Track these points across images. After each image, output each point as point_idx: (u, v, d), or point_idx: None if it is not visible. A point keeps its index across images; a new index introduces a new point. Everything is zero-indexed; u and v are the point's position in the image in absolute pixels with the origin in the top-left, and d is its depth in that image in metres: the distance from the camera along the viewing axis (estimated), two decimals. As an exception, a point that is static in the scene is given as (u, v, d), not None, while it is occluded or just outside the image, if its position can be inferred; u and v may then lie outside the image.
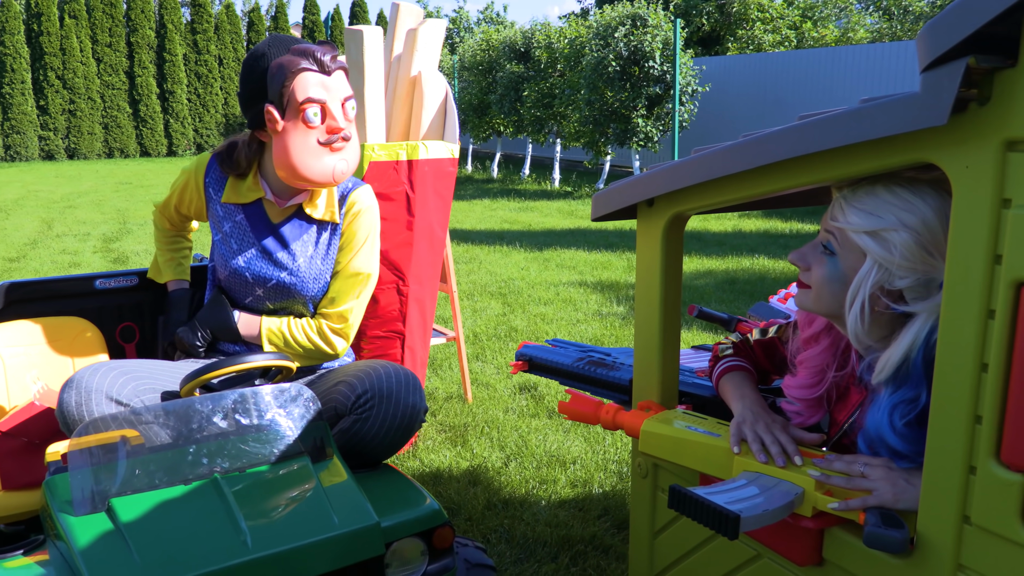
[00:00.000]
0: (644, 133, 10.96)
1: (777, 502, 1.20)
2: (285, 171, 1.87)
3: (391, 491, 1.59)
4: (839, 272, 1.26)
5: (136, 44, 20.21)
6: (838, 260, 1.26)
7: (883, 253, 1.19)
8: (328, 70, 1.85)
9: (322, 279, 2.00)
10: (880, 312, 1.24)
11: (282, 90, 1.80)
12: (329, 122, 1.86)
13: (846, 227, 1.23)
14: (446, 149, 2.85)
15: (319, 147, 1.85)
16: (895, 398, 1.23)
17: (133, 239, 8.14)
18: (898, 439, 1.22)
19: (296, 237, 1.99)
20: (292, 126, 1.84)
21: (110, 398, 1.60)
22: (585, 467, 2.82)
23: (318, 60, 1.83)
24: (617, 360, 1.89)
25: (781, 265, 6.51)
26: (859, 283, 1.22)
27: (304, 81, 1.81)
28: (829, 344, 1.41)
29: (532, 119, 13.09)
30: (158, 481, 1.38)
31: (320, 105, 1.84)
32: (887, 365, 1.21)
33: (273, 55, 1.83)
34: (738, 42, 15.20)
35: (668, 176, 1.46)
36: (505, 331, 4.65)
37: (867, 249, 1.21)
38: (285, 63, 1.80)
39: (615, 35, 10.67)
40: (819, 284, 1.29)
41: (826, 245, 1.28)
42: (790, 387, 1.45)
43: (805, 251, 1.32)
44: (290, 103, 1.82)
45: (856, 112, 1.09)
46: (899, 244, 1.18)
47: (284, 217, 2.00)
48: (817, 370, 1.41)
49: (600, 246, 7.54)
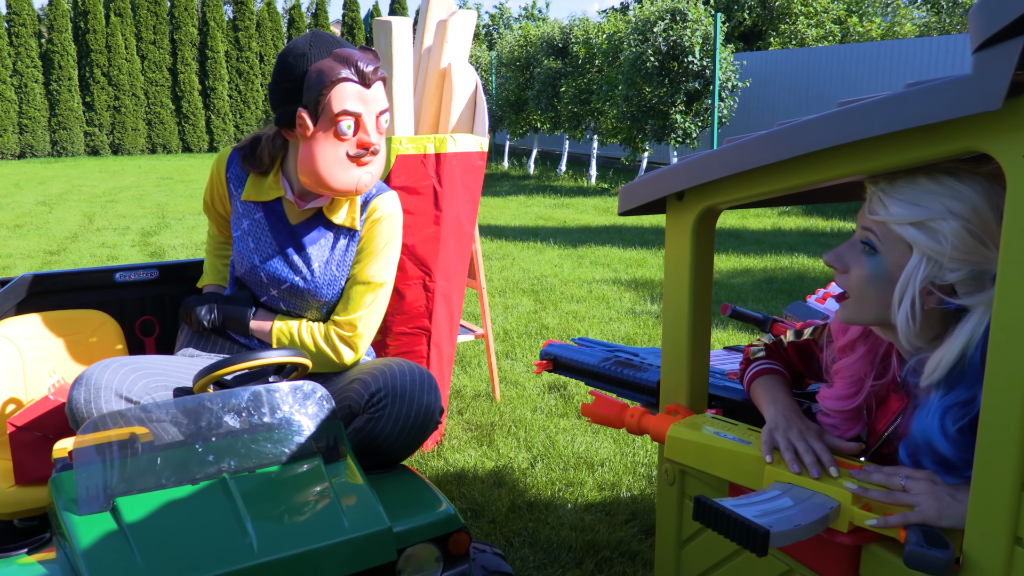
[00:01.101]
0: (682, 129, 10.80)
1: (810, 516, 1.12)
2: (309, 178, 1.81)
3: (406, 494, 1.54)
4: (883, 270, 1.16)
5: (179, 41, 20.51)
6: (880, 258, 1.17)
7: (932, 244, 1.10)
8: (369, 82, 1.77)
9: (337, 285, 1.94)
10: (931, 310, 1.15)
11: (319, 97, 1.73)
12: (361, 136, 1.79)
13: (888, 219, 1.14)
14: (475, 142, 2.79)
15: (347, 160, 1.79)
16: (947, 401, 1.13)
17: (171, 233, 8.23)
18: (949, 446, 1.13)
19: (314, 241, 1.93)
20: (323, 135, 1.77)
21: (120, 395, 1.57)
22: (613, 469, 2.75)
23: (360, 71, 1.75)
24: (645, 361, 1.82)
25: (821, 264, 6.34)
26: (907, 279, 1.13)
27: (342, 92, 1.74)
28: (866, 352, 1.32)
29: (569, 115, 12.99)
30: (165, 480, 1.34)
31: (355, 118, 1.77)
32: (940, 365, 1.12)
33: (314, 56, 1.75)
34: (780, 37, 14.92)
35: (698, 168, 1.39)
36: (536, 329, 4.58)
37: (913, 242, 1.12)
38: (326, 70, 1.72)
39: (654, 30, 10.53)
40: (860, 286, 1.19)
41: (866, 242, 1.18)
42: (825, 398, 1.37)
43: (842, 251, 1.23)
44: (324, 112, 1.75)
45: (900, 97, 1.01)
46: (949, 234, 1.09)
47: (303, 219, 1.94)
48: (854, 380, 1.32)
49: (636, 243, 7.43)
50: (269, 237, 1.93)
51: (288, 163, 1.92)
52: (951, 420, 1.13)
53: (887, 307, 1.17)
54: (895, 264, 1.15)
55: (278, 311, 1.95)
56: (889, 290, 1.16)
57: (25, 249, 7.37)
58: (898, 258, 1.15)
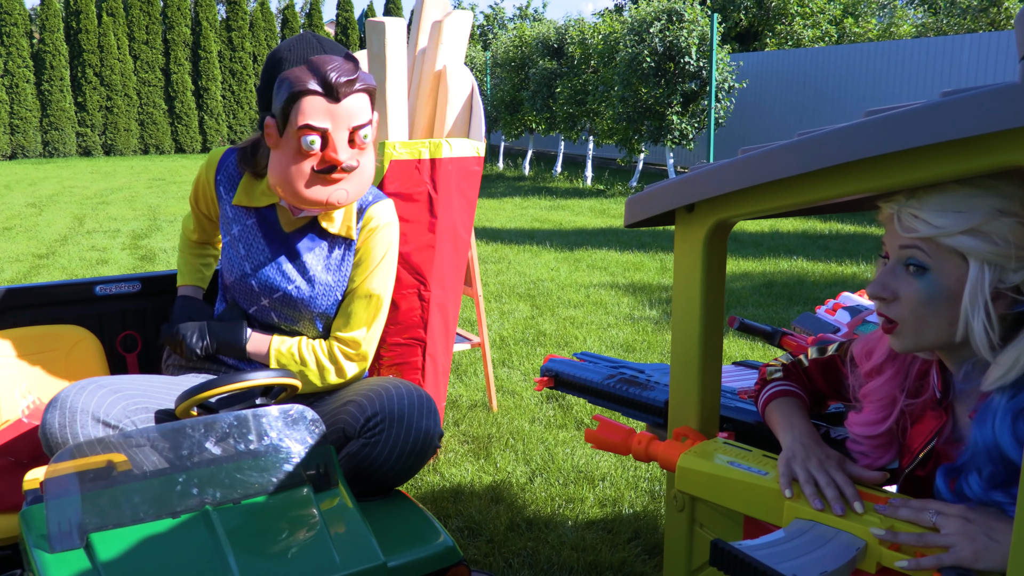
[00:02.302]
0: (679, 130, 10.74)
1: (838, 560, 1.04)
2: (275, 187, 1.73)
3: (401, 524, 1.45)
4: (939, 288, 1.07)
5: (172, 41, 20.37)
6: (933, 275, 1.07)
7: (989, 248, 1.02)
8: (339, 96, 1.64)
9: (332, 295, 1.86)
10: (1002, 315, 1.06)
11: (284, 108, 1.63)
12: (329, 153, 1.66)
13: (935, 234, 1.05)
14: (471, 147, 2.71)
15: (313, 174, 1.67)
16: (1019, 402, 1.05)
17: (162, 236, 8.13)
18: (1021, 449, 1.04)
19: (308, 250, 1.84)
20: (288, 146, 1.66)
21: (97, 419, 1.48)
22: (615, 484, 2.67)
23: (329, 84, 1.62)
24: (651, 379, 1.73)
25: (820, 267, 6.28)
26: (974, 290, 1.04)
27: (305, 106, 1.62)
28: (894, 373, 1.24)
29: (565, 116, 12.91)
30: (143, 514, 1.26)
31: (320, 134, 1.65)
32: (1018, 365, 1.03)
33: (289, 62, 1.65)
34: (776, 38, 14.87)
35: (712, 179, 1.30)
36: (533, 335, 4.50)
37: (969, 251, 1.03)
38: (293, 80, 1.61)
39: (650, 30, 10.45)
40: (916, 310, 1.10)
41: (912, 263, 1.09)
42: (855, 424, 1.28)
43: (884, 279, 1.12)
44: (289, 124, 1.64)
45: (939, 107, 0.92)
46: (1005, 232, 1.01)
47: (297, 227, 1.85)
48: (884, 403, 1.24)
49: (632, 246, 7.35)
50: (262, 244, 1.84)
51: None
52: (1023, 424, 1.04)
53: (949, 326, 1.08)
54: (952, 278, 1.06)
55: (269, 323, 1.86)
56: (949, 308, 1.07)
57: (13, 252, 7.25)
58: (954, 271, 1.06)
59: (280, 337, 1.83)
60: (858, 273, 6.07)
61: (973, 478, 1.10)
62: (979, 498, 1.09)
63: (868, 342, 1.31)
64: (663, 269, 6.34)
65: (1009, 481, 1.07)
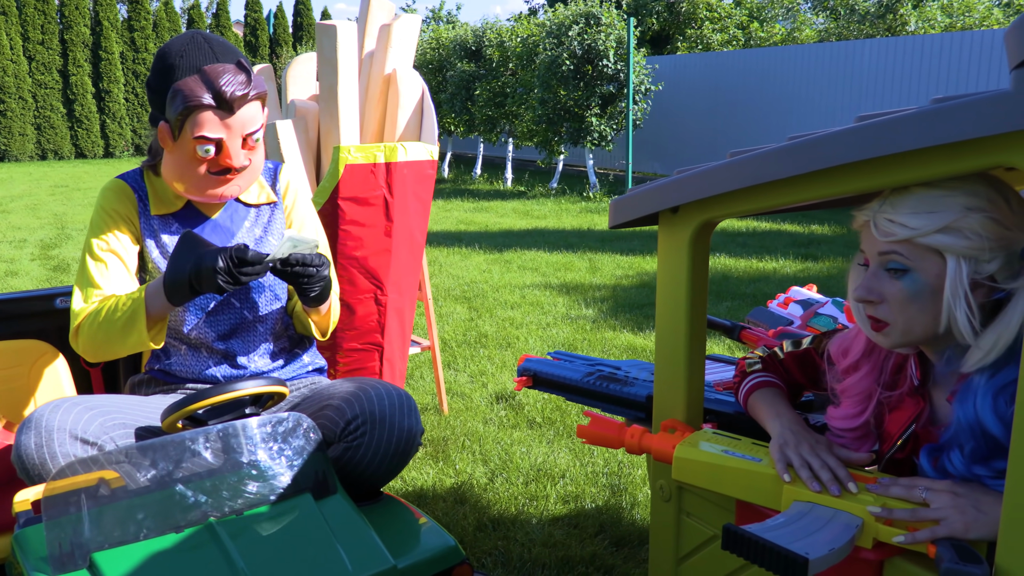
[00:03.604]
0: (598, 132, 10.93)
1: (842, 538, 1.11)
2: (171, 186, 1.76)
3: (401, 527, 1.46)
4: (921, 285, 1.16)
5: (70, 42, 19.46)
6: (915, 274, 1.16)
7: (964, 243, 1.11)
8: (232, 108, 1.65)
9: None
10: (981, 304, 1.15)
11: (178, 119, 1.63)
12: (224, 159, 1.69)
13: (912, 235, 1.13)
14: (425, 151, 2.72)
15: (208, 175, 1.71)
16: (998, 381, 1.13)
17: (73, 245, 7.78)
18: (1003, 426, 1.13)
19: (239, 225, 1.86)
20: (182, 151, 1.68)
21: (75, 437, 1.43)
22: (575, 481, 2.72)
23: (222, 99, 1.62)
24: (630, 375, 1.78)
25: (743, 264, 6.51)
26: (954, 283, 1.12)
27: (201, 119, 1.63)
28: (871, 369, 1.33)
29: (484, 118, 12.96)
30: (146, 530, 1.23)
31: (215, 143, 1.67)
32: (996, 347, 1.12)
33: (181, 71, 1.63)
34: (687, 41, 15.29)
35: (700, 182, 1.36)
36: (475, 337, 4.52)
37: (945, 247, 1.12)
38: (187, 93, 1.61)
39: (569, 33, 10.61)
40: (902, 309, 1.17)
41: (892, 266, 1.17)
42: (833, 419, 1.36)
43: (869, 284, 1.20)
44: (183, 133, 1.65)
45: (933, 113, 1.00)
46: (977, 227, 1.10)
47: (221, 208, 1.86)
48: (861, 398, 1.33)
49: (560, 247, 7.45)
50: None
51: None
52: (1004, 400, 1.13)
53: (934, 319, 1.17)
54: (932, 275, 1.15)
55: (230, 312, 1.81)
56: (932, 303, 1.16)
57: (-89, 265, 6.83)
58: (933, 268, 1.15)
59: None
60: (778, 268, 6.32)
61: (955, 455, 1.19)
62: (961, 474, 1.18)
63: (844, 341, 1.39)
64: (592, 269, 6.45)
65: (989, 456, 1.16)
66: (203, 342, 1.78)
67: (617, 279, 6.07)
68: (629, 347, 4.25)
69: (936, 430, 1.25)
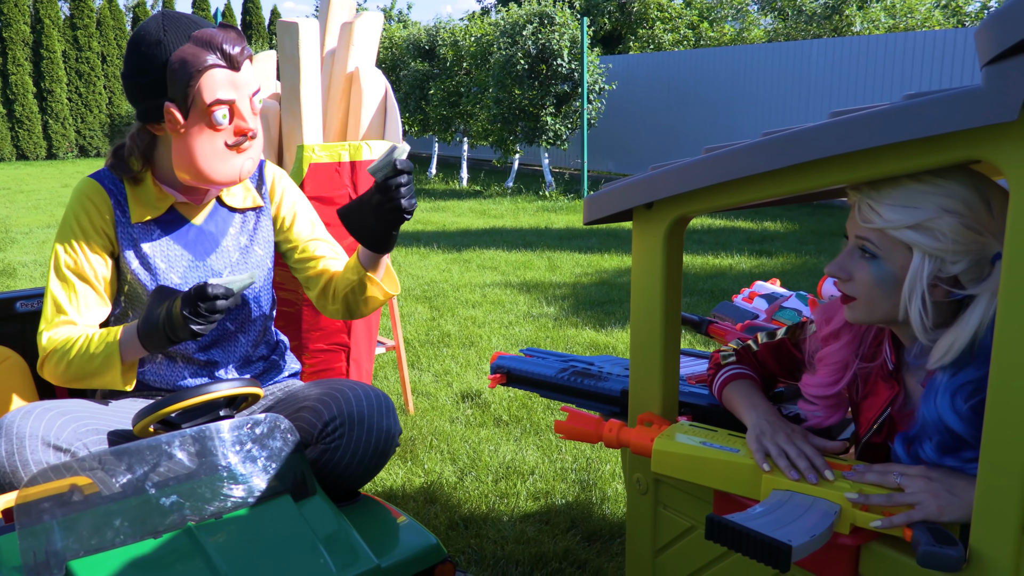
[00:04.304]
0: (553, 131, 10.98)
1: (822, 524, 1.13)
2: (188, 174, 1.66)
3: (382, 527, 1.45)
4: (887, 273, 1.21)
5: (9, 40, 18.88)
6: (882, 262, 1.21)
7: (932, 243, 1.15)
8: (238, 65, 1.63)
9: (263, 268, 1.83)
10: (939, 301, 1.20)
11: (187, 90, 1.58)
12: (237, 122, 1.65)
13: (885, 226, 1.17)
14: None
15: (226, 149, 1.66)
16: (957, 380, 1.18)
17: (19, 249, 7.56)
18: (961, 422, 1.17)
19: (224, 231, 1.80)
20: (197, 129, 1.62)
21: (48, 444, 1.39)
22: (544, 477, 2.73)
23: (227, 55, 1.60)
24: (603, 370, 1.80)
25: (699, 260, 6.60)
26: (914, 279, 1.17)
27: (212, 81, 1.59)
28: (850, 339, 1.37)
29: (438, 118, 12.92)
30: (123, 536, 1.20)
31: (229, 106, 1.63)
32: (952, 349, 1.16)
33: (171, 43, 1.58)
34: (639, 41, 15.43)
35: (675, 178, 1.38)
36: (437, 336, 4.50)
37: (913, 243, 1.16)
38: (190, 59, 1.56)
39: (523, 33, 10.63)
40: (867, 291, 1.23)
41: (865, 249, 1.22)
42: (808, 385, 1.41)
43: (842, 261, 1.26)
44: (195, 104, 1.59)
45: (908, 108, 1.03)
46: (947, 230, 1.14)
47: (205, 214, 1.79)
48: (838, 367, 1.37)
49: (518, 245, 7.47)
50: (178, 248, 1.75)
51: (162, 161, 1.72)
52: (962, 398, 1.17)
53: (896, 306, 1.21)
54: (898, 266, 1.19)
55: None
56: (895, 291, 1.20)
57: None
58: (900, 260, 1.19)
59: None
60: (734, 264, 6.42)
61: (927, 445, 1.23)
62: (933, 462, 1.22)
63: (828, 310, 1.44)
64: (551, 267, 6.48)
65: (957, 448, 1.20)
66: (182, 353, 1.74)
67: (576, 277, 6.10)
68: (592, 344, 4.28)
69: (910, 416, 1.29)
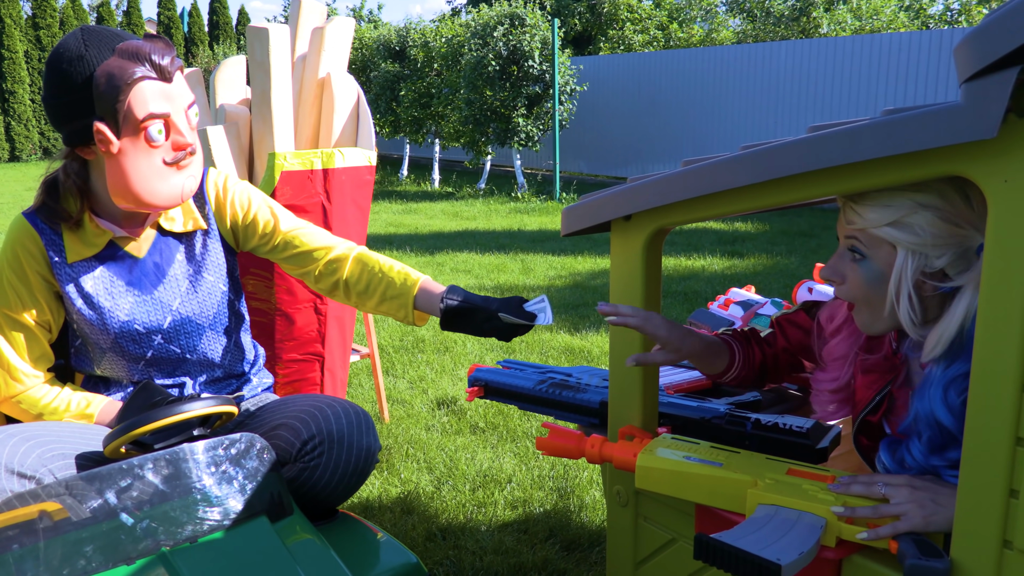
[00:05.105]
0: (525, 132, 10.98)
1: (809, 540, 1.13)
2: (124, 198, 1.55)
3: (360, 545, 1.43)
4: (876, 272, 1.23)
5: (-32, 40, 18.54)
6: (870, 261, 1.23)
7: (912, 238, 1.16)
8: (169, 76, 1.53)
9: (216, 294, 1.74)
10: (928, 296, 1.21)
11: (116, 105, 1.47)
12: (175, 137, 1.56)
13: (866, 226, 1.20)
14: (363, 156, 2.67)
15: (165, 167, 1.56)
16: (949, 374, 1.19)
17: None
18: (952, 417, 1.18)
19: (169, 261, 1.70)
20: (131, 146, 1.51)
21: (11, 471, 1.34)
22: (521, 486, 2.72)
23: (156, 66, 1.50)
24: (581, 381, 1.79)
25: (672, 262, 6.62)
26: (899, 275, 1.19)
27: (142, 94, 1.49)
28: (850, 332, 1.40)
29: (409, 119, 12.86)
30: (95, 564, 1.17)
31: (164, 119, 1.53)
32: (941, 341, 1.17)
33: (94, 58, 1.47)
34: (609, 42, 15.48)
35: (654, 191, 1.37)
36: (412, 342, 4.47)
37: (894, 240, 1.18)
38: (116, 72, 1.46)
39: (494, 34, 10.62)
40: (861, 292, 1.25)
41: (853, 250, 1.24)
42: (820, 381, 1.44)
43: (834, 264, 1.28)
44: (127, 120, 1.49)
45: (887, 124, 1.03)
46: (925, 224, 1.15)
47: (147, 245, 1.69)
48: (841, 361, 1.40)
49: (492, 248, 7.45)
50: (121, 285, 1.66)
51: (95, 191, 1.61)
52: (955, 392, 1.18)
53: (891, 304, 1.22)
54: (886, 264, 1.21)
55: (170, 357, 1.71)
56: (887, 288, 1.21)
57: None
58: (887, 258, 1.21)
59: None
60: (706, 266, 6.45)
61: (915, 444, 1.23)
62: (919, 464, 1.23)
63: (831, 308, 1.47)
64: (525, 270, 6.47)
65: (944, 446, 1.21)
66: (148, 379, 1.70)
67: (550, 280, 6.10)
68: (567, 348, 4.27)
69: (908, 393, 1.30)
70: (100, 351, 1.67)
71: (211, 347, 1.75)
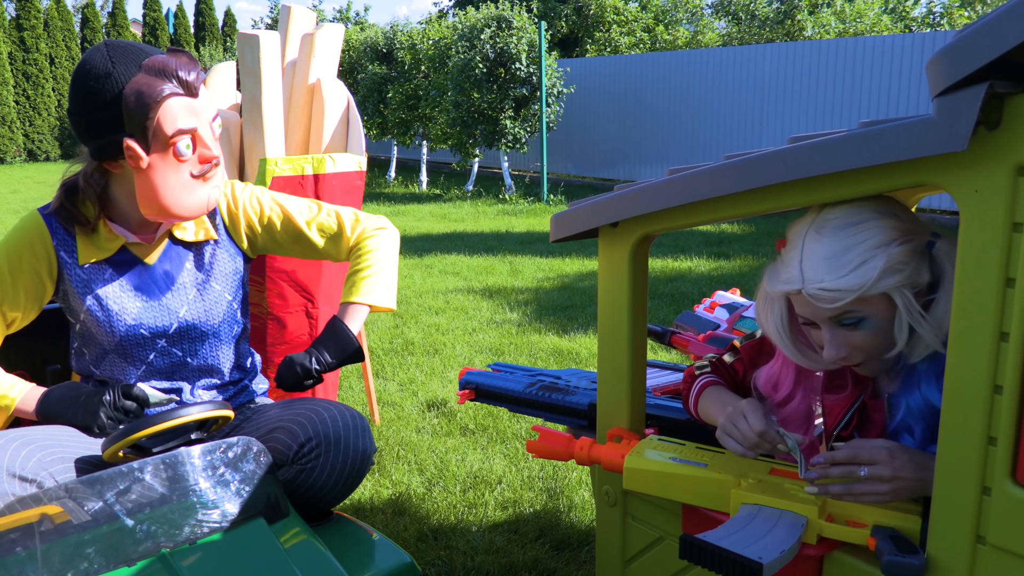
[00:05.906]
0: (512, 134, 11.01)
1: (791, 539, 1.17)
2: (152, 210, 1.61)
3: (355, 546, 1.46)
4: (877, 324, 1.23)
5: (-48, 41, 18.41)
6: (870, 319, 1.23)
7: (897, 276, 1.19)
8: (195, 92, 1.58)
9: (222, 303, 1.78)
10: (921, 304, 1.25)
11: (146, 122, 1.52)
12: (201, 151, 1.61)
13: (860, 292, 1.19)
14: (353, 161, 2.70)
15: (192, 180, 1.61)
16: (937, 365, 1.24)
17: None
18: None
19: (179, 269, 1.75)
20: (160, 161, 1.56)
21: (13, 475, 1.37)
22: (511, 487, 2.75)
23: (183, 82, 1.55)
24: (570, 383, 1.83)
25: (659, 263, 6.68)
26: (906, 308, 1.20)
27: (171, 110, 1.54)
28: (805, 393, 1.42)
29: (397, 121, 12.88)
30: (97, 566, 1.19)
31: (191, 134, 1.59)
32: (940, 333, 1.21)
33: (121, 75, 1.52)
34: (596, 44, 15.55)
35: (640, 198, 1.41)
36: (401, 344, 4.50)
37: (887, 289, 1.19)
38: (145, 90, 1.51)
39: (481, 37, 10.65)
40: (871, 348, 1.26)
41: (847, 321, 1.24)
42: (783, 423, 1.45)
43: (836, 344, 1.25)
44: (156, 136, 1.54)
45: (864, 136, 1.07)
46: (896, 256, 1.19)
47: (158, 253, 1.74)
48: (803, 420, 1.43)
49: (480, 250, 7.49)
50: (130, 289, 1.71)
51: (115, 200, 1.67)
52: None
53: (893, 341, 1.25)
54: (883, 310, 1.22)
55: (174, 362, 1.74)
56: (890, 331, 1.24)
57: None
58: (883, 305, 1.22)
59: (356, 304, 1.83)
60: (693, 267, 6.51)
61: (906, 440, 1.28)
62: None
63: (771, 375, 1.47)
64: (513, 272, 6.51)
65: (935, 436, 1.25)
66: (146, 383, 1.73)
67: (539, 282, 6.14)
68: (555, 350, 4.31)
69: (879, 403, 1.33)
70: (102, 352, 1.71)
71: (212, 353, 1.79)
